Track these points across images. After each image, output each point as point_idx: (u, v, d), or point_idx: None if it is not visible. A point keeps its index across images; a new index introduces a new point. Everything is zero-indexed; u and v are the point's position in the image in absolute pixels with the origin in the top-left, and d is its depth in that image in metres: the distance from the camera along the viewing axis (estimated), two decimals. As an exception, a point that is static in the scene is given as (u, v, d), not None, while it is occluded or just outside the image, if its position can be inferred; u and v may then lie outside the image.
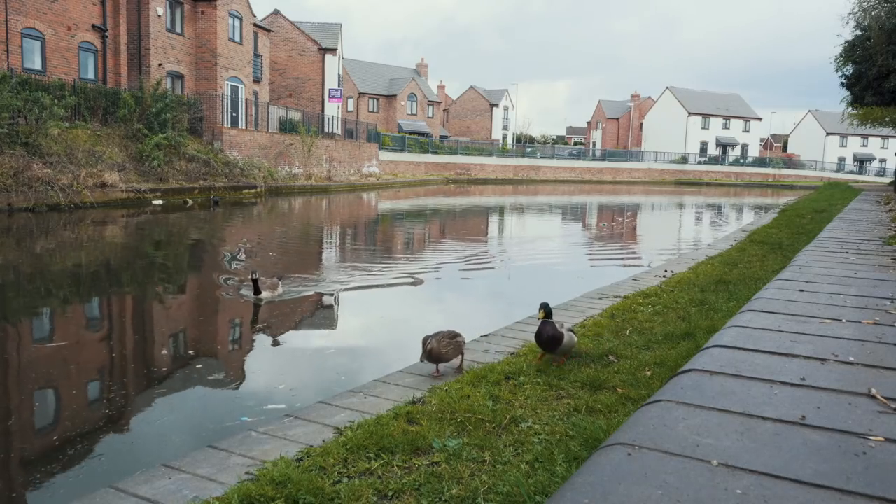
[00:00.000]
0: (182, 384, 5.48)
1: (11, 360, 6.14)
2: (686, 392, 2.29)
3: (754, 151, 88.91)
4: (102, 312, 8.52)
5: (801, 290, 4.94)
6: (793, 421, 2.09)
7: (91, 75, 26.29)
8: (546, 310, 4.68)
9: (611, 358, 4.81)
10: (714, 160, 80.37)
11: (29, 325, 7.66)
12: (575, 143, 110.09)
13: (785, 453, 1.84)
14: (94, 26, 26.22)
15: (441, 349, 4.52)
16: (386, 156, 48.04)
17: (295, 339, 7.17)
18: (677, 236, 21.14)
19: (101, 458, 4.14)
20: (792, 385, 2.47)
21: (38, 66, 23.71)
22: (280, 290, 8.51)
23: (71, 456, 4.14)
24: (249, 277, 8.39)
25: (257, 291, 8.16)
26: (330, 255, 14.35)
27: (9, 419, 4.69)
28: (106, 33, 26.69)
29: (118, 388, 5.40)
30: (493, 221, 25.28)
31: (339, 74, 49.35)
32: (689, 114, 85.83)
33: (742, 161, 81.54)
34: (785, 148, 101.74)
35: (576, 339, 4.81)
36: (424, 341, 4.54)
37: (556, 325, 4.59)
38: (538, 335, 4.57)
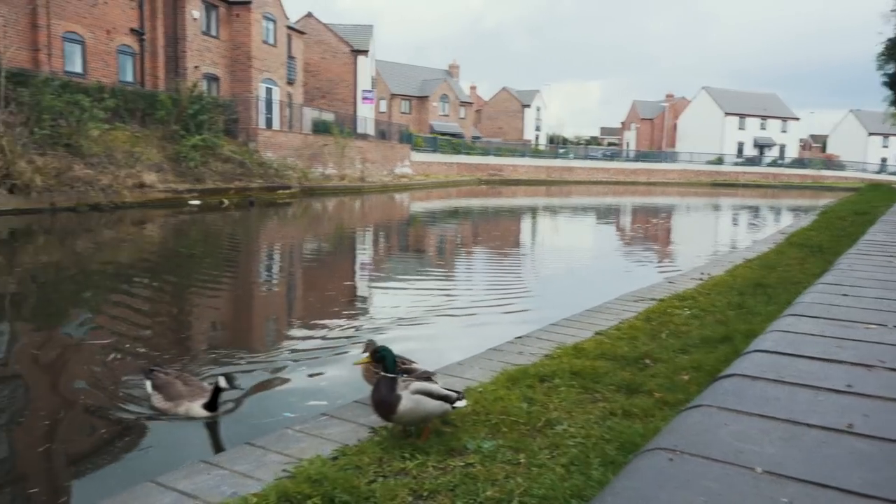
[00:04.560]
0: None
1: (55, 354, 6.29)
2: (727, 397, 2.25)
3: (792, 152, 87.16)
4: (160, 308, 8.68)
5: (845, 295, 4.83)
6: (839, 429, 2.04)
7: (129, 78, 26.81)
8: (377, 355, 3.35)
9: (647, 361, 4.75)
10: (751, 161, 78.96)
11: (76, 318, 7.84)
12: (608, 144, 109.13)
13: (831, 462, 1.80)
14: (132, 30, 26.73)
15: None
16: (418, 157, 48.15)
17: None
18: (713, 238, 20.84)
19: (148, 451, 4.22)
20: (837, 392, 2.41)
21: (78, 68, 24.24)
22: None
23: (117, 448, 4.23)
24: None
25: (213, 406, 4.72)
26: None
27: (58, 412, 4.81)
28: (144, 36, 27.19)
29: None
30: (526, 223, 25.19)
31: (371, 76, 49.63)
32: (726, 114, 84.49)
33: (780, 162, 79.98)
34: (824, 149, 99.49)
35: (436, 405, 3.35)
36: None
37: (401, 381, 3.33)
38: (371, 397, 3.39)
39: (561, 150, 72.25)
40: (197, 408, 4.60)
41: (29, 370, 5.86)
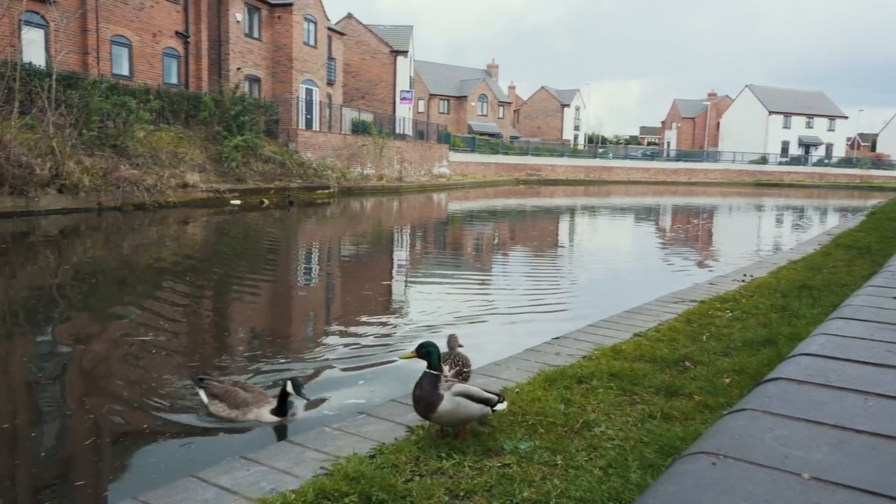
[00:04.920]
0: (269, 377, 5.63)
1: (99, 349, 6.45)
2: (773, 401, 2.19)
3: (840, 151, 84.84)
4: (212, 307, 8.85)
5: (895, 298, 4.67)
6: (890, 435, 1.97)
7: (174, 80, 27.38)
8: (423, 350, 3.38)
9: (687, 364, 4.67)
10: (796, 160, 77.16)
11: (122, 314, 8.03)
12: (648, 144, 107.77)
13: (882, 468, 1.73)
14: (177, 33, 27.29)
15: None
16: (456, 157, 48.19)
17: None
18: (756, 239, 20.41)
19: (189, 446, 4.29)
20: (888, 397, 2.33)
21: (125, 71, 24.85)
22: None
23: (158, 443, 4.31)
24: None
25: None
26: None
27: (102, 406, 4.92)
28: (188, 39, 27.74)
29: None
30: (564, 223, 25.01)
31: (410, 76, 49.84)
32: (770, 112, 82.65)
33: (826, 161, 77.98)
34: (874, 148, 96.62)
35: (477, 409, 3.34)
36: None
37: (444, 381, 3.36)
38: (413, 392, 3.39)
39: (600, 150, 71.57)
40: (266, 414, 4.52)
41: (75, 366, 6.01)
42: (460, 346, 4.43)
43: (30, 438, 4.44)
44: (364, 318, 8.02)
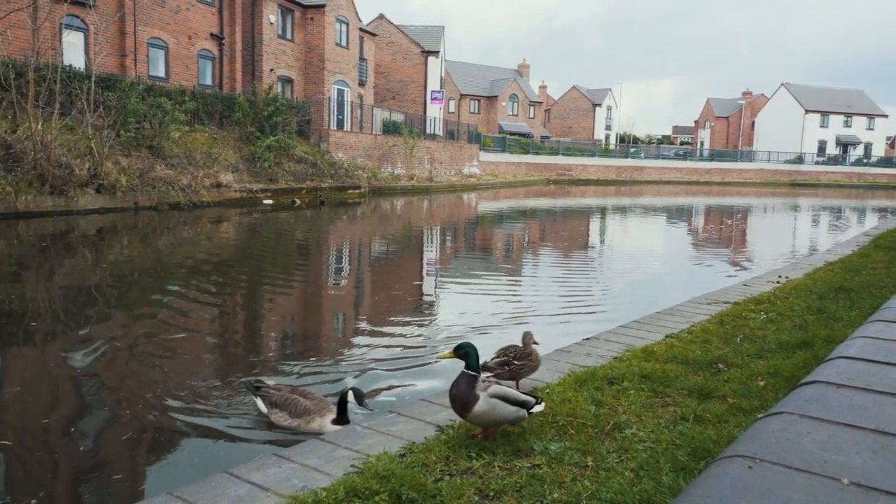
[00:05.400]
0: (297, 377, 5.68)
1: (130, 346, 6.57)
2: (810, 405, 2.15)
3: (879, 150, 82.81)
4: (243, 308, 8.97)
5: (938, 300, 4.55)
6: (933, 441, 1.92)
7: (209, 81, 27.79)
8: (461, 351, 3.36)
9: (720, 366, 4.60)
10: (833, 160, 75.55)
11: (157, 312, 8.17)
12: (681, 143, 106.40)
13: (925, 475, 1.69)
14: (212, 35, 27.70)
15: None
16: (486, 157, 48.13)
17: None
18: (792, 240, 20.04)
19: (222, 442, 4.35)
20: (930, 402, 2.27)
21: (161, 73, 25.29)
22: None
23: (191, 440, 4.38)
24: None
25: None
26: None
27: (137, 403, 5.02)
28: (223, 41, 28.13)
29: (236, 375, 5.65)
30: (595, 223, 24.83)
31: (440, 76, 49.89)
32: (806, 111, 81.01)
33: (865, 161, 76.20)
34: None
35: (512, 411, 3.31)
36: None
37: (481, 382, 3.34)
38: (450, 391, 3.38)
39: (632, 150, 70.83)
40: (328, 424, 4.36)
41: (112, 362, 6.13)
42: (535, 342, 4.39)
43: (69, 433, 4.54)
44: (393, 317, 8.06)
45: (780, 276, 8.79)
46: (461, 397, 3.24)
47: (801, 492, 1.56)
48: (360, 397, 4.39)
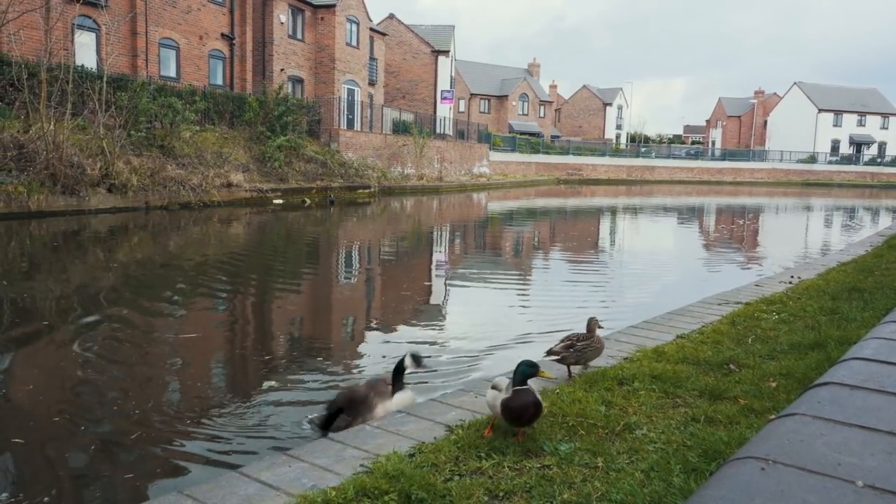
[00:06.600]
0: (306, 375, 5.69)
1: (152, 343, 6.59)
2: (824, 406, 2.12)
3: (894, 150, 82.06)
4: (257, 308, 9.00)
5: (953, 301, 4.50)
6: (949, 443, 1.89)
7: (219, 81, 27.90)
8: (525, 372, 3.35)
9: (731, 367, 4.57)
10: (847, 160, 74.98)
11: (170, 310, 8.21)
12: (692, 143, 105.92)
13: (941, 478, 1.66)
14: (222, 35, 27.81)
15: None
16: (496, 156, 48.09)
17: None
18: (804, 240, 19.90)
19: (229, 442, 4.36)
20: (946, 404, 2.24)
21: (172, 73, 25.42)
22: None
23: (201, 439, 4.39)
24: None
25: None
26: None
27: (147, 402, 5.04)
28: (233, 41, 28.24)
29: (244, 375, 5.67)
30: (605, 223, 24.75)
31: (451, 76, 49.89)
32: (819, 110, 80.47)
33: (879, 160, 75.58)
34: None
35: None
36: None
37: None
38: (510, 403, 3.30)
39: (643, 149, 70.59)
40: (391, 403, 4.16)
41: (122, 360, 6.16)
42: (600, 326, 4.60)
43: (79, 431, 4.56)
44: (402, 316, 8.06)
45: (792, 277, 8.72)
46: (534, 402, 3.26)
47: (814, 494, 1.54)
48: (417, 360, 4.40)
